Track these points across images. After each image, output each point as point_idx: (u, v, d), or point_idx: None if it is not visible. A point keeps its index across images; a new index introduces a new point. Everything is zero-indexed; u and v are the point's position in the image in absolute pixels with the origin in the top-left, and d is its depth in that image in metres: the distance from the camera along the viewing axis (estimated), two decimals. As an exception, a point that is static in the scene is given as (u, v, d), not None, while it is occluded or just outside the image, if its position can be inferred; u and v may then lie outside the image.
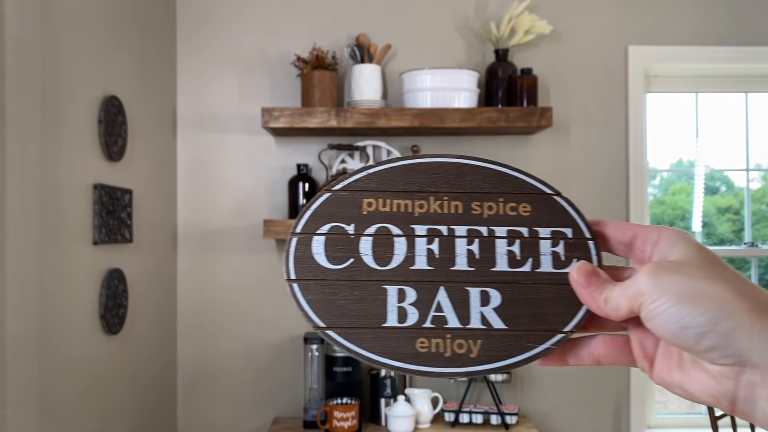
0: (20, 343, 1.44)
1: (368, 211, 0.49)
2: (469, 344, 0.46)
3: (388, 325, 0.46)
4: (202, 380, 2.48)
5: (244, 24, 2.49)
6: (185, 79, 2.49)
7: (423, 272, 0.47)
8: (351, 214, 0.49)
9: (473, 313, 0.46)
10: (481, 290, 0.47)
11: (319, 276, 0.47)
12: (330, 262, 0.48)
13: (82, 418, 1.73)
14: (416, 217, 0.49)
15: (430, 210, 0.49)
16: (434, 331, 0.46)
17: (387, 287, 0.47)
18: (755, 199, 2.78)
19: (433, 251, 0.48)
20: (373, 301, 0.47)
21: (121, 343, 1.96)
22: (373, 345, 0.46)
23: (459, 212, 0.49)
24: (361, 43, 2.40)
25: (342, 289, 0.47)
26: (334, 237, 0.49)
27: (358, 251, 0.48)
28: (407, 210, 0.49)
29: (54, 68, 1.60)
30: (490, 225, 0.49)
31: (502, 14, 2.45)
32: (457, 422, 2.30)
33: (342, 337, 0.46)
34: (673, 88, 2.67)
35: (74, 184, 1.69)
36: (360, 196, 0.50)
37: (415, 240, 0.48)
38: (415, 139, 2.48)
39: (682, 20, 2.55)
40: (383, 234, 0.49)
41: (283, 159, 2.46)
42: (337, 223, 0.49)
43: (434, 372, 0.45)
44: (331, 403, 2.21)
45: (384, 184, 0.50)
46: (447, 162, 0.51)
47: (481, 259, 0.48)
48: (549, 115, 2.28)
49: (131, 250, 2.03)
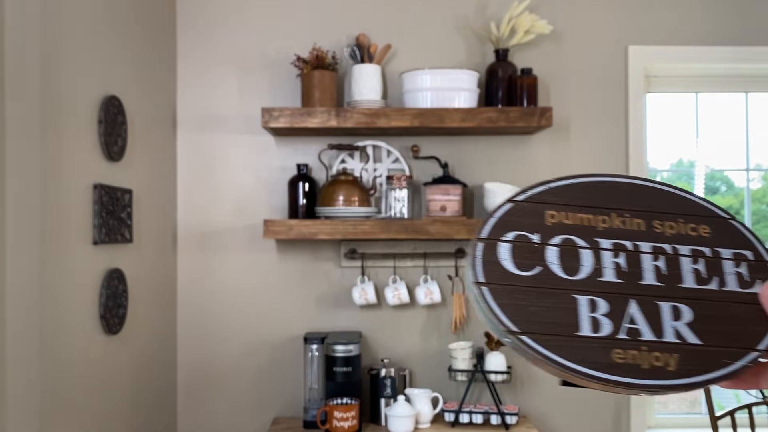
0: (20, 343, 1.44)
1: (551, 222, 0.51)
2: (665, 357, 0.46)
3: (582, 334, 0.47)
4: (202, 380, 2.48)
5: (244, 24, 2.49)
6: (185, 79, 2.49)
7: (613, 284, 0.48)
8: (535, 224, 0.51)
9: (666, 327, 0.47)
10: (672, 305, 0.48)
11: (507, 281, 0.48)
12: (517, 268, 0.49)
13: (82, 418, 1.73)
14: (599, 231, 0.51)
15: (613, 225, 0.51)
16: (629, 343, 0.46)
17: (577, 297, 0.48)
18: (755, 199, 2.78)
19: (620, 264, 0.49)
20: (564, 310, 0.47)
21: (121, 343, 1.96)
22: (567, 353, 0.46)
23: (641, 229, 0.51)
24: (361, 43, 2.40)
25: (531, 296, 0.48)
26: (520, 245, 0.50)
27: (545, 260, 0.49)
28: (590, 224, 0.51)
29: (54, 68, 1.60)
30: (673, 243, 0.50)
31: (502, 14, 2.45)
32: (457, 422, 2.30)
33: (537, 343, 0.47)
34: (673, 88, 2.67)
35: (74, 184, 1.69)
36: (542, 208, 0.51)
37: (601, 253, 0.50)
38: (415, 139, 2.48)
39: (682, 20, 2.55)
40: (569, 245, 0.50)
41: (283, 159, 2.46)
42: (522, 232, 0.51)
43: (634, 384, 0.45)
44: (331, 403, 2.21)
45: (565, 198, 0.52)
46: (625, 182, 0.53)
47: (669, 275, 0.49)
48: (549, 115, 2.28)
49: (131, 250, 2.03)
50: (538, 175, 2.50)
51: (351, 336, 2.35)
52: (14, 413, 1.41)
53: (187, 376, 2.48)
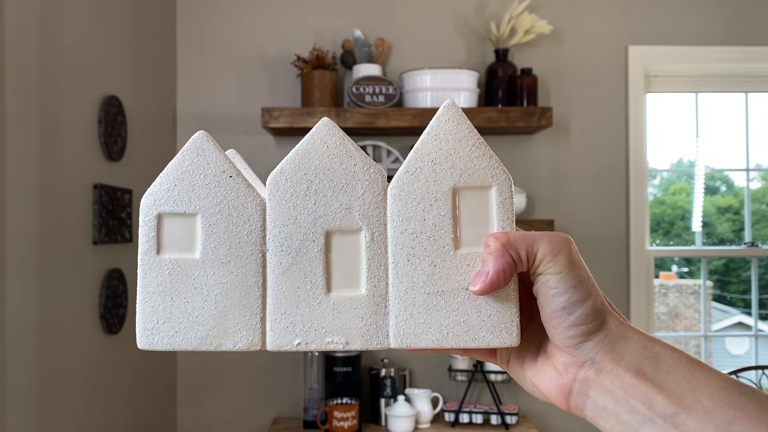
0: (20, 343, 1.44)
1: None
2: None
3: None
4: (202, 380, 2.48)
5: (244, 24, 2.49)
6: (185, 79, 2.49)
7: None
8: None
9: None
10: None
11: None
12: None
13: (82, 417, 1.73)
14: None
15: None
16: None
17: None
18: (755, 199, 2.78)
19: None
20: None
21: (121, 343, 1.96)
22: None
23: None
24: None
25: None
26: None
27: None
28: None
29: (54, 68, 1.60)
30: None
31: (502, 14, 2.46)
32: (457, 422, 2.30)
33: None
34: (673, 88, 2.67)
35: (74, 184, 1.69)
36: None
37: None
38: (415, 139, 2.46)
39: (682, 20, 2.55)
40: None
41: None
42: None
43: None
44: (331, 403, 2.21)
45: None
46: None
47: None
48: (549, 115, 2.28)
49: (131, 250, 2.03)
50: (538, 175, 2.51)
51: (351, 336, 2.35)
52: (14, 412, 1.41)
53: (187, 376, 2.48)
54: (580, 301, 0.41)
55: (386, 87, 2.30)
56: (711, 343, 3.41)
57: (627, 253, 2.52)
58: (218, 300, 0.44)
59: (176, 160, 0.46)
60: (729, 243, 2.81)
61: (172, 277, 0.44)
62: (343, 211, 0.45)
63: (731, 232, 2.85)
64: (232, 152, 0.55)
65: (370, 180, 0.45)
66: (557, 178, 2.50)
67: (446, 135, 0.45)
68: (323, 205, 0.45)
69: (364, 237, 0.44)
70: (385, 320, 0.44)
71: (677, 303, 5.69)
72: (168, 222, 0.45)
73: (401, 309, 0.44)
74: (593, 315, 0.41)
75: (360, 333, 0.44)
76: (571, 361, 0.43)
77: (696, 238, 2.79)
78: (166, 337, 0.44)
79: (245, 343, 0.44)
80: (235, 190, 0.46)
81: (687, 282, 5.50)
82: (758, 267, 2.75)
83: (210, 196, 0.45)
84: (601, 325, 0.42)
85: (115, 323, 1.89)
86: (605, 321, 0.42)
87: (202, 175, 0.46)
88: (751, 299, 2.79)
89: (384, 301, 0.44)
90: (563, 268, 0.41)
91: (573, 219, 2.51)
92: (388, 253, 0.44)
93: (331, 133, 0.45)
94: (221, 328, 0.44)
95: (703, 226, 2.81)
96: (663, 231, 3.10)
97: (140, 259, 0.45)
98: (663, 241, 3.06)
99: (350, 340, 0.44)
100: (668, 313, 5.74)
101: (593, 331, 0.42)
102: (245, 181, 0.46)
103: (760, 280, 2.78)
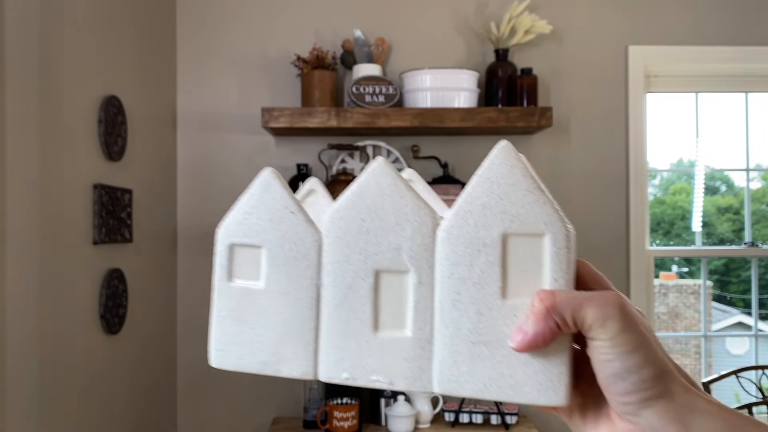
0: (20, 343, 1.44)
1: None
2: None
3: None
4: (202, 380, 2.48)
5: (244, 24, 2.49)
6: (185, 79, 2.49)
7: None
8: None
9: None
10: None
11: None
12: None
13: (82, 417, 1.73)
14: None
15: None
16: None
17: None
18: (755, 199, 2.78)
19: None
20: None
21: (121, 343, 1.96)
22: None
23: None
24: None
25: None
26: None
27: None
28: None
29: (54, 68, 1.60)
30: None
31: (502, 14, 2.46)
32: (457, 422, 2.30)
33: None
34: (673, 88, 2.67)
35: (74, 184, 1.69)
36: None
37: None
38: (415, 139, 2.48)
39: (682, 20, 2.55)
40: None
41: (283, 159, 2.46)
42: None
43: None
44: (331, 403, 2.21)
45: None
46: None
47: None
48: (549, 115, 2.28)
49: (131, 250, 2.03)
50: (538, 175, 2.50)
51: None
52: (14, 413, 1.41)
53: (187, 376, 2.48)
54: (636, 368, 0.39)
55: (386, 87, 2.30)
56: (711, 343, 3.41)
57: (627, 253, 2.52)
58: (277, 329, 0.46)
59: (246, 194, 0.49)
60: (729, 243, 2.81)
61: (240, 303, 0.46)
62: (393, 251, 0.44)
63: (731, 232, 2.85)
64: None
65: (420, 221, 0.44)
66: (557, 178, 2.50)
67: (498, 178, 0.44)
68: (374, 244, 0.45)
69: (412, 279, 0.44)
70: (430, 364, 0.44)
71: (677, 303, 5.69)
72: (238, 252, 0.48)
73: (445, 355, 0.43)
74: (651, 381, 0.39)
75: (404, 374, 0.44)
76: (631, 429, 0.40)
77: (696, 238, 2.79)
78: (234, 359, 0.46)
79: (300, 372, 0.45)
80: (295, 225, 0.46)
81: (687, 282, 5.50)
82: (758, 267, 2.75)
83: (274, 230, 0.47)
84: (664, 392, 0.39)
85: (115, 323, 1.89)
86: (668, 388, 0.39)
87: (267, 210, 0.48)
88: (751, 299, 2.79)
89: (429, 345, 0.44)
90: (615, 335, 0.39)
91: (573, 219, 2.50)
92: (434, 297, 0.44)
93: (384, 173, 0.45)
94: (280, 355, 0.46)
95: (703, 226, 2.81)
96: (663, 231, 3.10)
97: (215, 283, 0.47)
98: (663, 241, 3.06)
99: (394, 381, 0.44)
100: (668, 313, 5.74)
101: (653, 397, 0.39)
102: (306, 217, 0.46)
103: (760, 280, 2.78)
